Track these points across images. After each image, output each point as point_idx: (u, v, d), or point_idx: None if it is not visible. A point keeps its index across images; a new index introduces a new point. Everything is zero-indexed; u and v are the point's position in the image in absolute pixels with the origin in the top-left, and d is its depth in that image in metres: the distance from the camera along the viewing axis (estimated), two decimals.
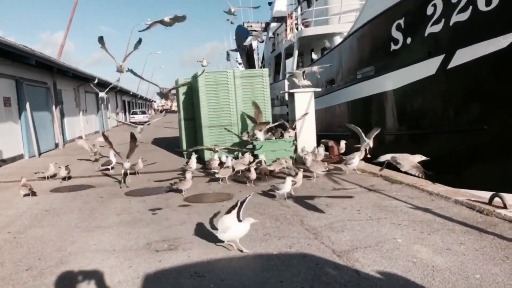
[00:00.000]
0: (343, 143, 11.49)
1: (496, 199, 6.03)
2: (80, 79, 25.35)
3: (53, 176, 11.10)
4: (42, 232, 6.14)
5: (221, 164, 9.87)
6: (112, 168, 11.64)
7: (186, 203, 7.57)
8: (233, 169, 9.33)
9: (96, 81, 26.90)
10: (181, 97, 14.37)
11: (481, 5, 8.28)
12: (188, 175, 8.21)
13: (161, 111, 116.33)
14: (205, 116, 12.10)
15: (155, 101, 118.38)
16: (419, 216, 5.96)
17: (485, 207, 5.96)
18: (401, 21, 10.48)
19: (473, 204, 6.20)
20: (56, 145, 19.84)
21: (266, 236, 5.42)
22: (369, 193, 7.62)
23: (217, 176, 9.19)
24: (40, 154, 16.76)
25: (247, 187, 8.51)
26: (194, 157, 10.17)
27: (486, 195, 6.39)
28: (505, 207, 5.82)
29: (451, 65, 9.23)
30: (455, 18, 8.87)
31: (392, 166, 7.79)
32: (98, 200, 8.25)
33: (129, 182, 9.57)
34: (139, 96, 67.26)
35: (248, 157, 9.88)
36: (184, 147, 14.29)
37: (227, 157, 10.08)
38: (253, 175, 8.56)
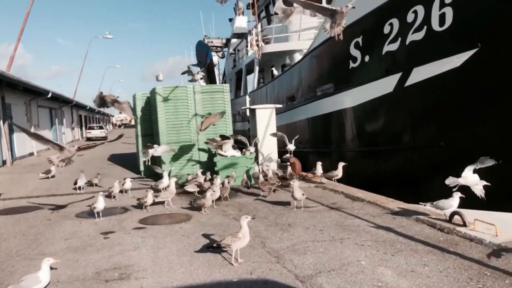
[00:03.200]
0: (319, 165, 10.54)
1: (456, 217, 6.05)
2: (32, 92, 24.16)
3: None
4: None
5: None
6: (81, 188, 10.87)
7: (141, 225, 7.15)
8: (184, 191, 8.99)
9: (49, 95, 25.73)
10: (139, 112, 13.88)
11: (435, 25, 8.50)
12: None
13: (119, 126, 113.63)
14: (163, 132, 11.69)
15: (113, 116, 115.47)
16: (382, 236, 5.87)
17: (446, 225, 5.96)
18: (359, 39, 10.63)
19: (434, 222, 6.20)
20: (4, 163, 18.64)
21: (225, 261, 5.12)
22: (331, 211, 7.50)
23: (157, 200, 8.24)
24: None
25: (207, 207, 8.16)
26: (166, 174, 9.63)
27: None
28: (464, 224, 5.84)
29: (408, 83, 9.39)
30: (411, 37, 9.06)
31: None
32: (45, 223, 7.65)
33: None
34: (96, 111, 65.20)
35: (201, 176, 9.56)
36: (141, 163, 13.75)
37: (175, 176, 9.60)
38: (208, 201, 7.59)
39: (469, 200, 6.40)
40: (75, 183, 10.89)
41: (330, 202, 8.24)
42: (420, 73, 9.04)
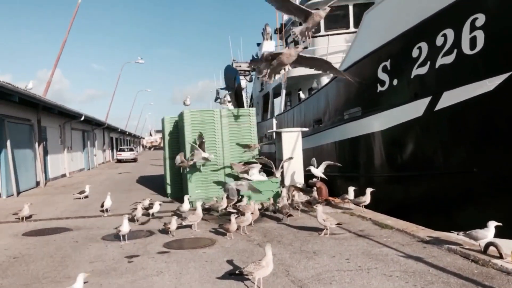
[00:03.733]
0: (351, 189, 10.10)
1: (492, 248, 5.74)
2: (66, 116, 25.07)
3: (29, 217, 10.59)
4: (5, 283, 5.64)
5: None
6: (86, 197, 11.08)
7: (165, 249, 7.14)
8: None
9: (82, 118, 26.60)
10: (167, 136, 14.11)
11: (466, 49, 8.32)
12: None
13: (149, 148, 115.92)
14: (190, 155, 11.77)
15: (143, 138, 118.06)
16: (411, 266, 5.62)
17: (480, 257, 5.66)
18: (387, 63, 10.51)
19: (467, 253, 5.90)
20: (37, 184, 19.23)
21: None
22: (358, 239, 7.28)
23: (184, 223, 8.27)
24: (18, 193, 16.16)
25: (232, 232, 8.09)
26: (186, 198, 9.68)
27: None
28: (501, 256, 5.53)
29: (438, 107, 9.17)
30: (441, 61, 8.90)
31: None
32: (72, 245, 7.75)
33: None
34: (127, 133, 66.86)
35: (225, 200, 9.50)
36: (168, 186, 13.88)
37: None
38: (233, 226, 7.45)
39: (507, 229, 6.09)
40: (102, 206, 11.04)
41: (358, 229, 8.00)
42: (450, 97, 8.82)
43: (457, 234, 6.19)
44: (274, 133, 13.89)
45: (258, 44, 32.62)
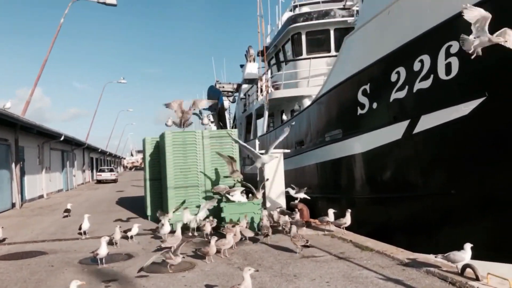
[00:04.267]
0: (331, 212, 10.02)
1: (468, 270, 5.82)
2: (46, 135, 24.67)
3: (1, 240, 10.27)
4: None
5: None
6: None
7: (144, 273, 6.98)
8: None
9: (62, 138, 26.21)
10: (148, 157, 14.00)
11: (442, 74, 8.58)
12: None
13: (130, 168, 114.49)
14: (171, 176, 11.70)
15: (124, 158, 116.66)
16: None
17: (458, 279, 5.72)
18: (367, 87, 10.75)
19: (445, 275, 5.95)
20: (13, 205, 18.72)
21: None
22: (339, 262, 7.28)
23: (162, 245, 7.92)
24: None
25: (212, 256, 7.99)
26: (167, 220, 9.53)
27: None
28: (477, 279, 5.60)
29: (417, 130, 9.37)
30: (418, 85, 9.14)
31: None
32: (47, 269, 7.54)
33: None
34: (107, 153, 66.02)
35: (208, 225, 9.41)
36: (149, 207, 13.71)
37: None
38: (212, 249, 7.34)
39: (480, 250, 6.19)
40: (80, 228, 10.80)
41: (338, 252, 8.01)
42: (428, 121, 9.04)
43: (435, 257, 6.25)
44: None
45: (242, 66, 33.00)
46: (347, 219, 9.41)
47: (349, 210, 9.51)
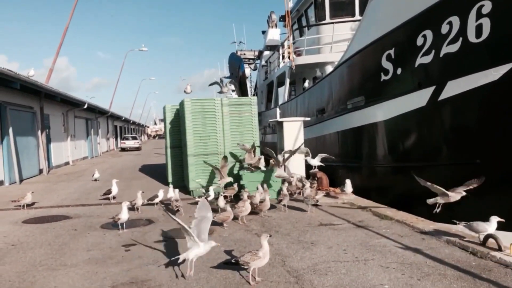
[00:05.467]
0: (349, 182, 10.18)
1: (491, 240, 5.66)
2: (70, 103, 25.06)
3: (30, 205, 10.62)
4: (1, 270, 5.64)
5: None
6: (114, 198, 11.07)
7: (163, 238, 7.11)
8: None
9: (85, 106, 26.61)
10: (168, 124, 14.05)
11: (471, 37, 8.12)
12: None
13: (154, 137, 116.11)
14: (191, 144, 11.73)
15: (148, 127, 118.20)
16: (409, 258, 5.55)
17: (479, 249, 5.58)
18: (391, 52, 10.33)
19: (466, 245, 5.82)
20: (40, 171, 19.30)
21: (242, 280, 4.97)
22: (357, 230, 7.21)
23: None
24: (21, 180, 16.23)
25: (230, 222, 8.05)
26: (170, 188, 9.61)
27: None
28: (500, 249, 5.44)
29: (442, 96, 9.01)
30: (445, 49, 8.71)
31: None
32: (70, 233, 7.76)
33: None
34: (131, 122, 66.95)
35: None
36: (170, 175, 13.87)
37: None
38: (228, 214, 7.45)
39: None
40: (107, 193, 11.00)
41: (357, 220, 7.94)
42: (454, 87, 8.65)
43: (458, 224, 6.10)
44: (276, 123, 13.77)
45: (263, 32, 32.34)
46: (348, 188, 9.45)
47: (348, 180, 9.57)
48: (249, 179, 10.43)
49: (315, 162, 11.57)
